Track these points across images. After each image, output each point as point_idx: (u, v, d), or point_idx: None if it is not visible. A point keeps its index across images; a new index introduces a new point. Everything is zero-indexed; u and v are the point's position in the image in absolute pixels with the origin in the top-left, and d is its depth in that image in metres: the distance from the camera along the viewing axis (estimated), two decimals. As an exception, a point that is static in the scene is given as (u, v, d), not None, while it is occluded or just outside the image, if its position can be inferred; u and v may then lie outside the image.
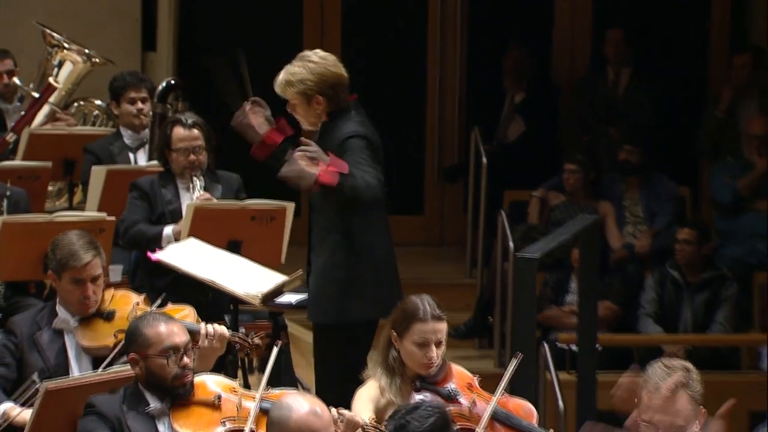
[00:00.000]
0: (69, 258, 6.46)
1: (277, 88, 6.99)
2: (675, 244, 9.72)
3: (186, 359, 5.71)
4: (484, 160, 10.58)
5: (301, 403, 5.26)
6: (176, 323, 5.81)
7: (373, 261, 7.00)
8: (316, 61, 6.99)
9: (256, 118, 6.99)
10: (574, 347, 8.39)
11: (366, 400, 5.90)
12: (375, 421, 5.71)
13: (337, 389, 6.35)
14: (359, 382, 6.10)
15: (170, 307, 6.41)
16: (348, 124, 6.97)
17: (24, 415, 6.04)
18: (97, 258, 6.50)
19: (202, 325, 6.20)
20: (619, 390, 4.21)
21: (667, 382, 5.33)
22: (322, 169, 6.70)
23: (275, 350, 5.89)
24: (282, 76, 6.98)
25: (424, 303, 5.98)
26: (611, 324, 9.64)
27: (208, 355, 6.07)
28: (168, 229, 7.60)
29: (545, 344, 8.74)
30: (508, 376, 5.94)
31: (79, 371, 6.33)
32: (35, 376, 6.17)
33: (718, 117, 11.09)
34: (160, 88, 9.17)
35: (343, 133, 6.92)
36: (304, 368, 8.51)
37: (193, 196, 7.59)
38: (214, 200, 7.64)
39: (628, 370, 4.21)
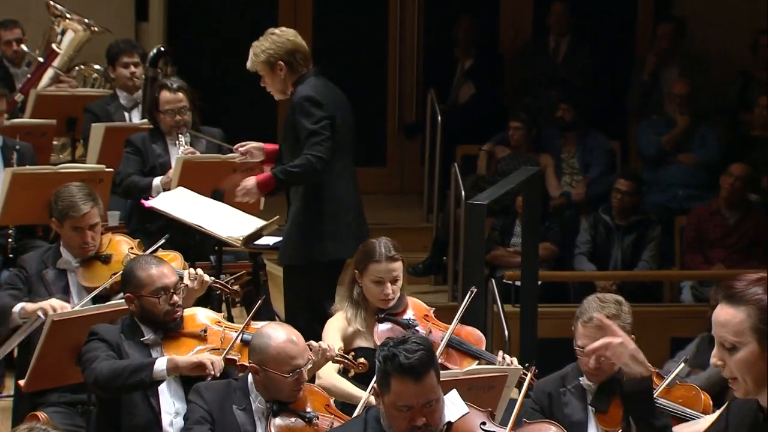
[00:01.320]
0: (69, 208, 6.43)
1: (248, 63, 7.04)
2: (612, 192, 9.73)
3: (175, 297, 5.69)
4: (439, 118, 10.56)
5: (279, 332, 5.27)
6: (166, 265, 5.78)
7: (337, 207, 7.00)
8: (277, 33, 7.06)
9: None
10: (518, 283, 8.38)
11: (335, 329, 5.91)
12: (343, 350, 5.72)
13: (304, 323, 6.34)
14: (323, 315, 6.10)
15: (160, 253, 6.37)
16: (302, 89, 7.01)
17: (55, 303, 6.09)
18: (95, 208, 6.47)
19: (186, 271, 6.16)
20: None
21: (599, 314, 5.34)
22: (259, 179, 6.97)
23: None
24: (251, 51, 7.04)
25: (380, 245, 5.96)
26: (550, 262, 9.65)
27: (190, 295, 6.04)
28: (157, 180, 7.60)
29: (493, 280, 8.76)
30: (463, 307, 5.94)
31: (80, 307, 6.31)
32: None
33: (644, 80, 11.10)
34: (151, 54, 9.15)
35: (296, 98, 6.95)
36: (281, 302, 8.50)
37: (179, 150, 7.58)
38: (199, 153, 7.64)
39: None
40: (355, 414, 5.28)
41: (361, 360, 5.64)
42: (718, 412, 3.90)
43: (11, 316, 6.16)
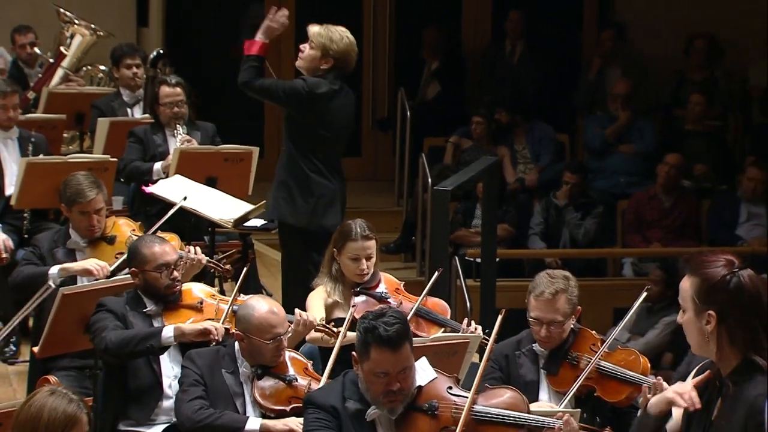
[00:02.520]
0: (77, 195, 6.40)
1: (312, 30, 6.81)
2: (562, 184, 9.73)
3: (175, 273, 5.66)
4: (408, 114, 10.56)
5: (261, 304, 5.26)
6: (168, 244, 5.74)
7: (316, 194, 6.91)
8: (350, 39, 6.86)
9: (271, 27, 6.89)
10: (478, 260, 8.37)
11: (318, 299, 5.90)
12: (323, 320, 5.70)
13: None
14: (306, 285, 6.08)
15: (159, 233, 6.33)
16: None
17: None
18: (100, 194, 6.44)
19: (184, 252, 6.12)
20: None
21: (549, 288, 5.34)
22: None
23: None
24: (320, 28, 6.83)
25: (356, 226, 5.94)
26: (507, 241, 9.65)
27: (189, 272, 6.02)
28: (157, 165, 7.57)
29: (456, 258, 8.75)
30: (430, 284, 5.94)
31: (87, 282, 6.26)
32: (50, 281, 6.11)
33: (590, 80, 11.11)
34: (151, 56, 9.14)
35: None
36: (267, 278, 8.48)
37: (177, 141, 7.54)
38: (194, 144, 7.60)
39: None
40: (326, 370, 5.28)
41: (340, 329, 5.63)
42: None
43: (46, 279, 6.12)
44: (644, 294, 5.60)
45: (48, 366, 6.07)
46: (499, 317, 4.95)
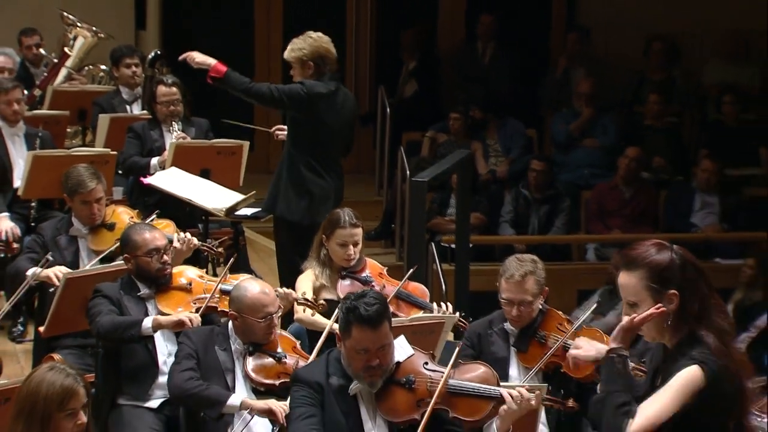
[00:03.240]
0: (78, 186, 6.39)
1: (285, 53, 6.85)
2: (529, 171, 9.73)
3: (165, 257, 5.66)
4: (388, 110, 10.53)
5: (254, 285, 5.27)
6: (157, 231, 5.75)
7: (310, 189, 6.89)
8: (314, 37, 6.87)
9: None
10: (453, 246, 8.38)
11: (307, 281, 5.90)
12: (309, 297, 5.70)
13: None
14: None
15: (156, 221, 6.33)
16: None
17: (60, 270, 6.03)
18: (99, 185, 6.42)
19: (175, 235, 6.11)
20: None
21: (519, 271, 5.35)
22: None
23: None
24: (289, 45, 6.86)
25: (345, 214, 5.94)
26: (480, 229, 9.65)
27: (178, 256, 5.99)
28: (154, 160, 7.57)
29: (432, 244, 8.73)
30: (408, 275, 5.94)
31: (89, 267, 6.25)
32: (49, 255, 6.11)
33: (556, 79, 11.11)
34: (149, 56, 9.09)
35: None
36: (257, 263, 8.48)
37: (173, 136, 7.52)
38: (189, 139, 7.58)
39: None
40: (315, 349, 5.30)
41: (321, 302, 5.65)
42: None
43: (25, 278, 6.06)
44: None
45: (52, 345, 6.05)
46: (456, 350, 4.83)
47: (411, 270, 5.98)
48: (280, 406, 4.98)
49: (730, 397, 3.62)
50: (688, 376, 3.57)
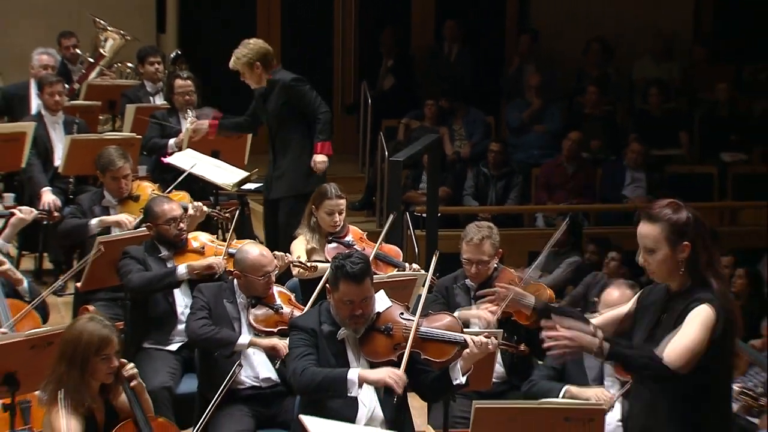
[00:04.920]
0: (108, 164, 6.42)
1: (231, 63, 6.87)
2: (488, 152, 9.73)
3: (181, 225, 5.68)
4: (370, 101, 10.49)
5: (254, 249, 5.28)
6: (174, 202, 5.78)
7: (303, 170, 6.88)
8: (252, 43, 6.88)
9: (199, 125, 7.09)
10: (424, 215, 8.38)
11: (300, 245, 5.92)
12: (299, 259, 5.71)
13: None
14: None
15: (174, 192, 6.34)
16: (283, 75, 6.88)
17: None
18: (127, 163, 6.47)
19: (190, 204, 6.14)
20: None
21: (477, 235, 5.37)
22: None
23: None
24: (233, 56, 6.87)
25: (331, 187, 5.98)
26: (446, 200, 9.65)
27: (193, 222, 6.02)
28: (171, 141, 7.55)
29: (407, 213, 8.73)
30: (387, 227, 5.96)
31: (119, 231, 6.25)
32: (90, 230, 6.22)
33: (511, 74, 11.09)
34: (171, 56, 9.11)
35: (284, 81, 6.82)
36: (259, 230, 8.45)
37: (188, 121, 7.50)
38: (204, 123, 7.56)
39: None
40: (310, 301, 5.29)
41: (312, 264, 5.65)
42: (634, 298, 3.95)
43: (87, 230, 6.25)
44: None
45: (88, 298, 6.06)
46: (434, 258, 5.00)
47: (390, 219, 6.03)
48: (283, 343, 4.99)
49: (730, 334, 3.67)
50: (704, 315, 3.60)
